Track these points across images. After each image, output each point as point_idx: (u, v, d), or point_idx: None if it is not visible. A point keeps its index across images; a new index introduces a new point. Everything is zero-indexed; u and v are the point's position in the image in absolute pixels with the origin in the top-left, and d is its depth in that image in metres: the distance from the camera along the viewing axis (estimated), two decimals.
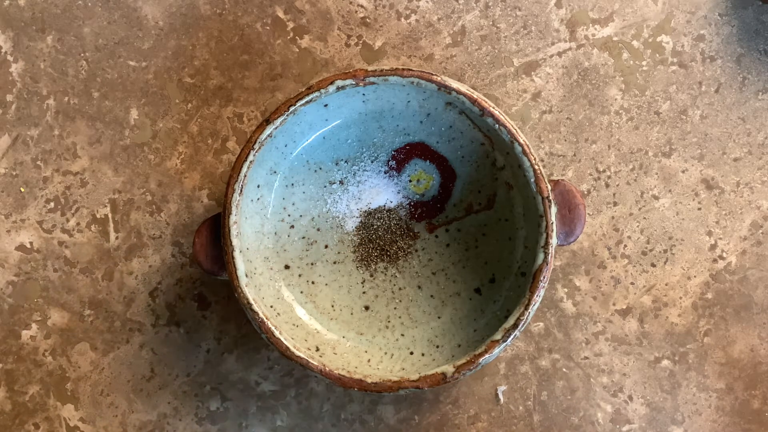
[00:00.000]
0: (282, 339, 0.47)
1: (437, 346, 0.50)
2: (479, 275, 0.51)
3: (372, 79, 0.46)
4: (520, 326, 0.46)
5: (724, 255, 0.54)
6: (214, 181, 0.55)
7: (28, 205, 0.55)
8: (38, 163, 0.55)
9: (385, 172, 0.52)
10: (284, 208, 0.51)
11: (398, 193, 0.52)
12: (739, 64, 0.54)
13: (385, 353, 0.50)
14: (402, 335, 0.51)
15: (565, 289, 0.54)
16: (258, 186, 0.50)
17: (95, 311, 0.55)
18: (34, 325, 0.55)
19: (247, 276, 0.47)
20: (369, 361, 0.50)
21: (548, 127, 0.54)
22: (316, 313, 0.51)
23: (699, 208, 0.54)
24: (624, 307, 0.54)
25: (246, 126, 0.55)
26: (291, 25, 0.54)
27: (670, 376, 0.54)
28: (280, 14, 0.54)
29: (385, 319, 0.51)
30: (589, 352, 0.54)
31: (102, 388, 0.55)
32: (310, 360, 0.47)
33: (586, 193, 0.54)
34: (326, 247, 0.52)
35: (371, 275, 0.52)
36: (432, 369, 0.47)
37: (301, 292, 0.51)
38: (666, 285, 0.54)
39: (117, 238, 0.55)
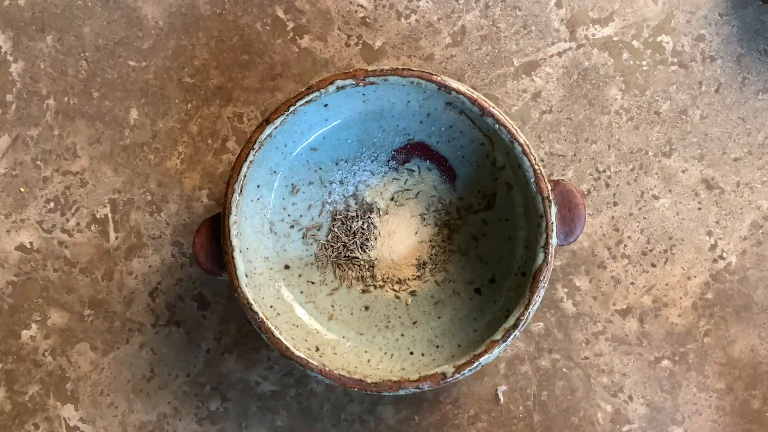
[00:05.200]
0: (282, 339, 0.47)
1: (437, 346, 0.50)
2: (479, 275, 0.51)
3: (372, 79, 0.46)
4: (520, 326, 0.46)
5: (725, 255, 0.54)
6: (214, 181, 0.55)
7: (27, 205, 0.55)
8: (38, 163, 0.55)
9: (385, 173, 0.52)
10: (284, 208, 0.51)
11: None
12: (739, 64, 0.54)
13: (385, 353, 0.50)
14: (402, 335, 0.51)
15: (565, 289, 0.54)
16: (258, 186, 0.50)
17: (95, 311, 0.55)
18: (33, 325, 0.55)
19: (246, 276, 0.47)
20: (369, 361, 0.50)
21: (548, 127, 0.54)
22: (316, 313, 0.51)
23: (699, 208, 0.54)
24: (624, 307, 0.54)
25: (246, 126, 0.54)
26: (291, 24, 0.54)
27: (670, 376, 0.54)
28: (280, 14, 0.54)
29: (385, 319, 0.51)
30: (589, 352, 0.54)
31: (102, 388, 0.55)
32: (310, 360, 0.47)
33: (586, 193, 0.54)
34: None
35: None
36: (432, 369, 0.47)
37: (301, 292, 0.51)
38: (666, 285, 0.54)
39: (117, 238, 0.55)
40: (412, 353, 0.50)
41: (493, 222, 0.51)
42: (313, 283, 0.52)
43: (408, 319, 0.51)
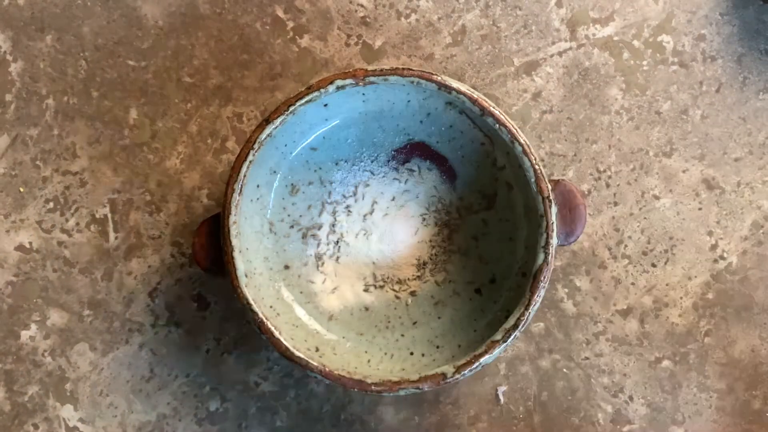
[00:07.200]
0: (282, 339, 0.47)
1: (437, 347, 0.50)
2: (479, 275, 0.51)
3: (372, 78, 0.46)
4: (520, 326, 0.46)
5: (725, 255, 0.54)
6: (213, 181, 0.54)
7: (27, 205, 0.55)
8: (37, 162, 0.54)
9: (385, 173, 0.52)
10: (284, 208, 0.51)
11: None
12: (739, 63, 0.54)
13: (385, 353, 0.50)
14: (402, 335, 0.51)
15: (566, 290, 0.54)
16: (258, 186, 0.50)
17: (94, 311, 0.55)
18: (33, 326, 0.55)
19: (246, 276, 0.47)
20: (369, 361, 0.50)
21: (549, 126, 0.54)
22: (316, 314, 0.51)
23: (700, 208, 0.54)
24: (624, 307, 0.54)
25: (246, 126, 0.54)
26: (291, 24, 0.54)
27: (670, 376, 0.54)
28: (280, 13, 0.54)
29: (385, 319, 0.51)
30: (589, 352, 0.54)
31: (101, 389, 0.55)
32: (310, 360, 0.47)
33: (586, 193, 0.54)
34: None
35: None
36: (432, 369, 0.47)
37: (301, 293, 0.51)
38: (667, 285, 0.54)
39: (116, 238, 0.54)
40: (412, 354, 0.50)
41: (493, 222, 0.51)
42: (313, 283, 0.52)
43: (408, 319, 0.51)
